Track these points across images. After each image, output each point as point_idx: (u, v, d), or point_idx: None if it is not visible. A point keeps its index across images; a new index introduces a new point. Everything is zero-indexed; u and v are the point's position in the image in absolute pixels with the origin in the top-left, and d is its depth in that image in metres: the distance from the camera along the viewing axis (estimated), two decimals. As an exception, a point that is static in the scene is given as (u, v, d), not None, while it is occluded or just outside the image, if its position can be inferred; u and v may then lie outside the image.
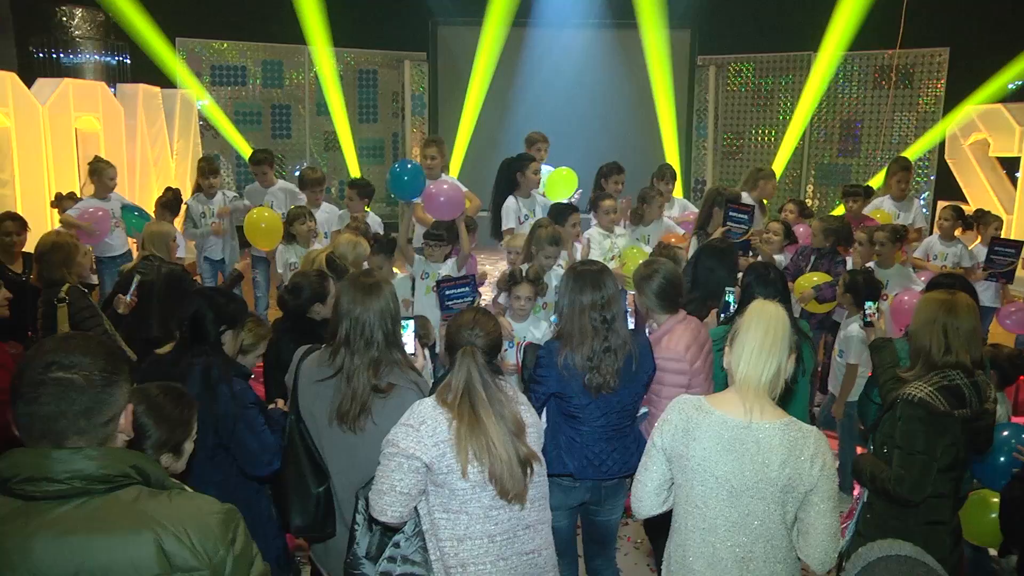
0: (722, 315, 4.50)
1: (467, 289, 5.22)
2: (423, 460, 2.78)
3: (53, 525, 1.78)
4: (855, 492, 3.59)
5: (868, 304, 4.38)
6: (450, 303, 5.18)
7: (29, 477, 1.79)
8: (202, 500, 1.95)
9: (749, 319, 2.75)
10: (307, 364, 3.31)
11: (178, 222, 8.14)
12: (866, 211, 8.14)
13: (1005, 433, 3.82)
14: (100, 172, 7.80)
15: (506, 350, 4.68)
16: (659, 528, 3.12)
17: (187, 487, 2.04)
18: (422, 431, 2.80)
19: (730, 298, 4.48)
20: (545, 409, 3.66)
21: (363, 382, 3.11)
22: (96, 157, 8.08)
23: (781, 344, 2.70)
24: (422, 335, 4.09)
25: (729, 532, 2.71)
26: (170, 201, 7.58)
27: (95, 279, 6.95)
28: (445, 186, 6.19)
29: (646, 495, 2.91)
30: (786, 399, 2.88)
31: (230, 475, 3.40)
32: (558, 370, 3.53)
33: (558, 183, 7.57)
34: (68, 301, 4.83)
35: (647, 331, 4.06)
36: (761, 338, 2.69)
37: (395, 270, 6.13)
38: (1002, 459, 3.77)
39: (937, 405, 3.12)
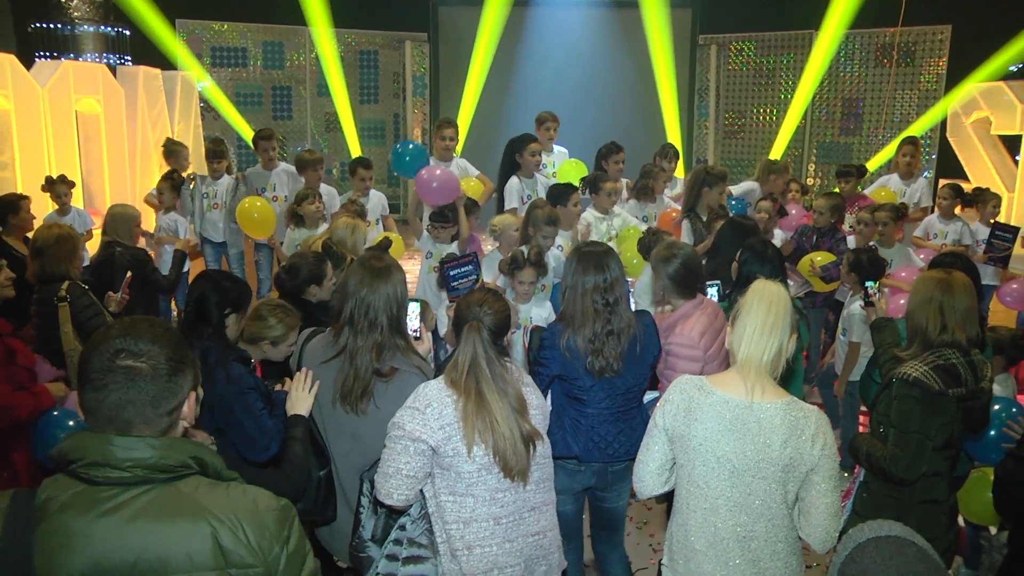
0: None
1: (471, 267, 5.19)
2: (429, 443, 2.80)
3: (116, 512, 1.79)
4: (856, 471, 3.61)
5: (868, 284, 4.39)
6: (455, 283, 5.15)
7: (93, 462, 1.80)
8: (259, 494, 1.94)
9: (751, 299, 2.75)
10: (311, 346, 3.33)
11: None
12: (872, 188, 8.19)
13: (996, 407, 3.84)
14: (176, 153, 8.17)
15: (513, 332, 4.68)
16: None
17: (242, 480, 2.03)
18: (428, 414, 2.82)
19: (713, 290, 4.48)
20: (550, 392, 3.66)
21: (366, 363, 3.13)
22: (168, 139, 8.31)
23: (783, 324, 2.70)
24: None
25: (730, 511, 2.72)
26: (175, 182, 7.62)
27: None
28: (438, 171, 6.19)
29: (648, 475, 2.92)
30: (787, 378, 2.90)
31: (228, 459, 3.42)
32: (560, 351, 3.52)
33: (569, 175, 7.55)
34: (69, 300, 4.66)
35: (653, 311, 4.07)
36: (763, 318, 2.69)
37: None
38: (991, 432, 3.78)
39: (931, 384, 3.14)
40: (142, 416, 1.84)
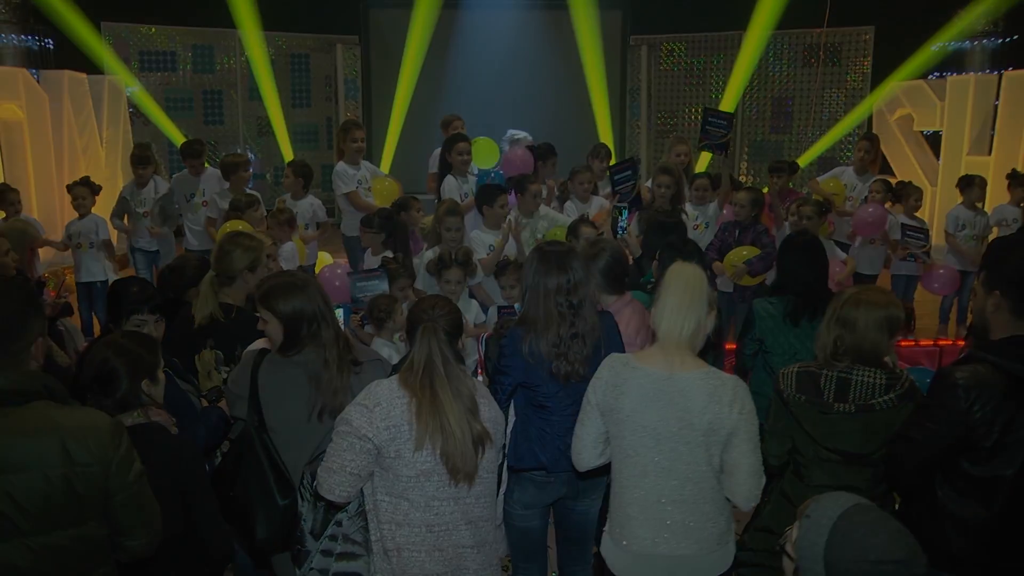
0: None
1: (377, 281, 5.17)
2: (374, 442, 2.81)
3: None
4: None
5: None
6: (360, 296, 5.14)
7: None
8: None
9: (669, 279, 2.94)
10: (271, 376, 3.25)
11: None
12: (825, 176, 8.50)
13: None
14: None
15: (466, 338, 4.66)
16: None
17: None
18: (375, 412, 2.83)
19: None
20: (512, 402, 3.54)
21: (334, 357, 3.20)
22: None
23: (700, 301, 2.89)
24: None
25: (659, 477, 2.90)
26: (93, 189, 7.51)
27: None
28: (339, 271, 6.08)
29: (584, 448, 3.09)
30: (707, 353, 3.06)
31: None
32: (523, 357, 3.37)
33: (480, 153, 7.55)
34: None
35: None
36: (680, 296, 2.88)
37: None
38: None
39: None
40: None
